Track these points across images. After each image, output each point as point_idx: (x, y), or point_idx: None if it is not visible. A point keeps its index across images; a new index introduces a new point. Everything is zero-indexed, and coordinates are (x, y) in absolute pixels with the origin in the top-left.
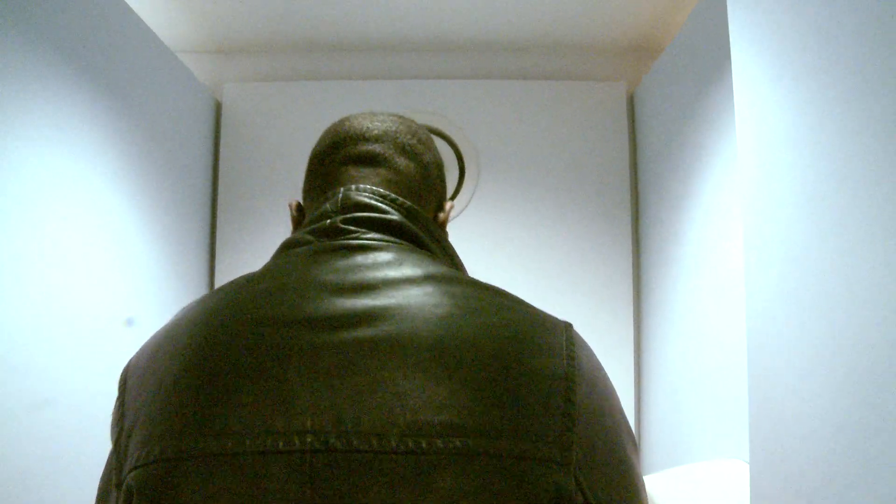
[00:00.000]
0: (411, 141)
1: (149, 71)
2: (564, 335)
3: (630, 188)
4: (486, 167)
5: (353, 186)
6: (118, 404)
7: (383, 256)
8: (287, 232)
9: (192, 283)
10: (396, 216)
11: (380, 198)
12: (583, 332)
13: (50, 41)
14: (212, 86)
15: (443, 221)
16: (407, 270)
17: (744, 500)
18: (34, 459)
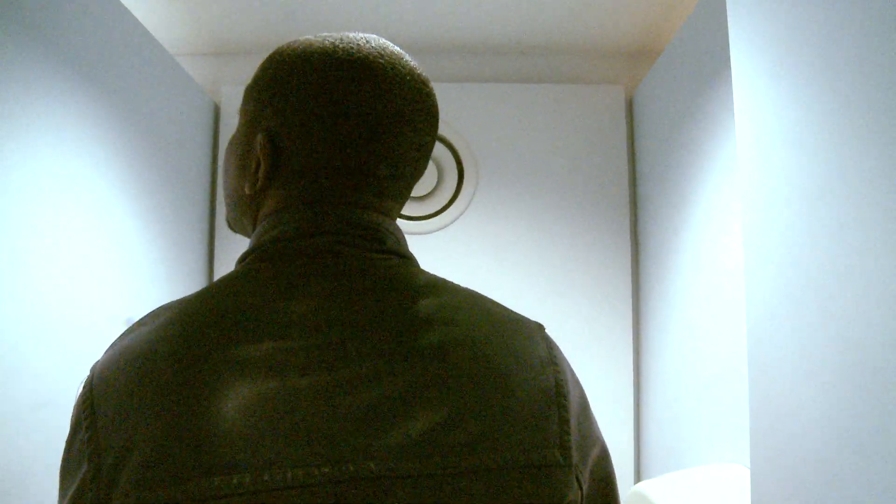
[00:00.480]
0: None
1: (147, 73)
2: (540, 337)
3: (629, 191)
4: (485, 170)
5: None
6: (87, 434)
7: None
8: None
9: (191, 284)
10: None
11: None
12: (582, 336)
13: (48, 44)
14: (210, 88)
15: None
16: None
17: None
18: (34, 459)
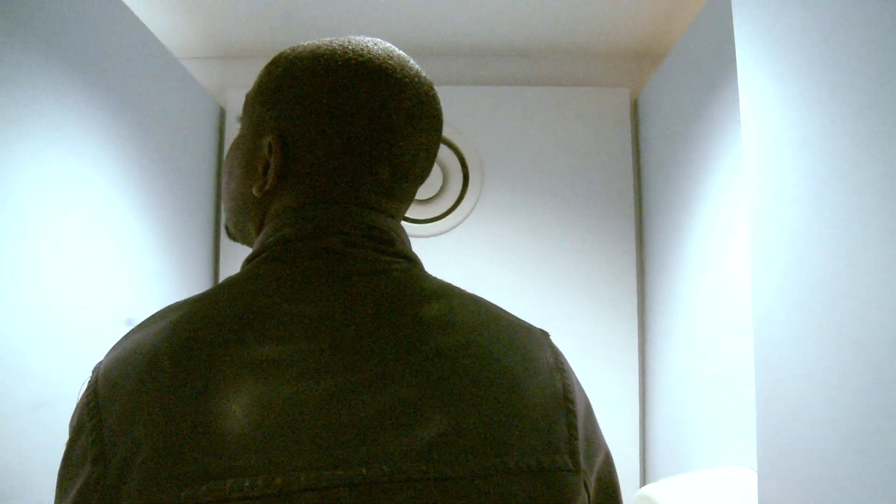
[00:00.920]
0: None
1: (153, 77)
2: (546, 343)
3: (634, 194)
4: (491, 173)
5: None
6: (92, 436)
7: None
8: None
9: (196, 286)
10: None
11: None
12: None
13: (55, 48)
14: (215, 91)
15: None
16: None
17: None
18: (34, 460)
